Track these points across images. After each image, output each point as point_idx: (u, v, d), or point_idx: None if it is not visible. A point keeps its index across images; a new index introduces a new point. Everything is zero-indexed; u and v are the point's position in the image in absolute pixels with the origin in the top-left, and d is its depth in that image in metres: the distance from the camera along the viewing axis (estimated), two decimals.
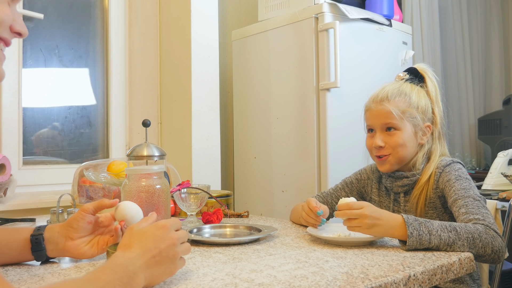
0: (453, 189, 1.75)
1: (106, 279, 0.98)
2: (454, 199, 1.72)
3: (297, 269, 1.26)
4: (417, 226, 1.49)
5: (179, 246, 1.16)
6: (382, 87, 1.98)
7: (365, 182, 2.15)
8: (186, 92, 2.93)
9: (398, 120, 1.89)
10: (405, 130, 1.90)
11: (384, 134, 1.93)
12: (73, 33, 3.10)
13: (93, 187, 2.28)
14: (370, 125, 1.99)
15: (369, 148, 2.00)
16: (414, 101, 1.92)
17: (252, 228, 1.80)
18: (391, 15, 3.17)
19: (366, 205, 1.57)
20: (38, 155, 2.92)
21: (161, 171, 1.65)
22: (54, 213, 1.93)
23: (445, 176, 1.82)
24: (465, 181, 1.77)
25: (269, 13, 3.25)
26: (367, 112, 2.00)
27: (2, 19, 1.04)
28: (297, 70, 2.97)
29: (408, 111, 1.90)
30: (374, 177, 2.11)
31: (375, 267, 1.27)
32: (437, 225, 1.50)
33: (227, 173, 3.63)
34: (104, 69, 3.22)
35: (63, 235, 1.36)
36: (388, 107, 1.90)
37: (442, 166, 1.86)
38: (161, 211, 1.60)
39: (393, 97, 1.91)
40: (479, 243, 1.49)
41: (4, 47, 1.09)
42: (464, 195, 1.70)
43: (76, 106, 3.09)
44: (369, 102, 2.00)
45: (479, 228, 1.51)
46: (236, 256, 1.42)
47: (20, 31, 1.09)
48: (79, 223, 1.37)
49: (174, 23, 3.08)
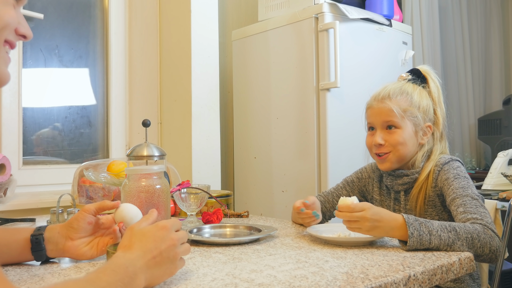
0: (451, 187, 1.76)
1: (107, 280, 0.98)
2: (452, 198, 1.72)
3: (297, 269, 1.25)
4: (417, 227, 1.49)
5: (179, 246, 1.16)
6: (384, 86, 1.99)
7: (366, 180, 2.15)
8: (186, 92, 2.94)
9: (399, 118, 1.89)
10: (406, 129, 1.90)
11: (384, 132, 1.93)
12: (73, 33, 3.10)
13: (93, 187, 2.28)
14: (370, 122, 1.99)
15: (369, 146, 2.00)
16: (415, 100, 1.92)
17: (252, 228, 1.80)
18: (391, 15, 3.17)
19: (367, 207, 1.56)
20: (38, 155, 2.92)
21: (161, 171, 1.65)
22: (54, 213, 1.93)
23: (444, 174, 1.82)
24: (463, 180, 1.77)
25: (269, 13, 3.25)
26: (368, 110, 2.00)
27: (8, 22, 1.04)
28: (297, 70, 2.97)
29: (409, 110, 1.90)
30: (375, 176, 2.11)
31: (375, 267, 1.27)
32: (437, 225, 1.50)
33: (227, 173, 3.63)
34: (104, 69, 3.22)
35: (63, 235, 1.36)
36: (389, 105, 1.90)
37: (441, 164, 1.86)
38: (161, 211, 1.60)
39: (394, 96, 1.92)
40: (478, 243, 1.49)
41: (9, 49, 1.09)
42: (462, 194, 1.70)
43: (76, 106, 3.09)
44: (371, 100, 2.00)
45: (477, 228, 1.52)
46: (236, 256, 1.42)
47: (25, 33, 1.10)
48: (79, 223, 1.37)
49: (174, 23, 3.08)
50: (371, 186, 2.12)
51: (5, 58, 1.07)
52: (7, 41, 1.07)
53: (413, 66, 2.99)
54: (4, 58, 1.07)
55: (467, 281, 1.85)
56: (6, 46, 1.07)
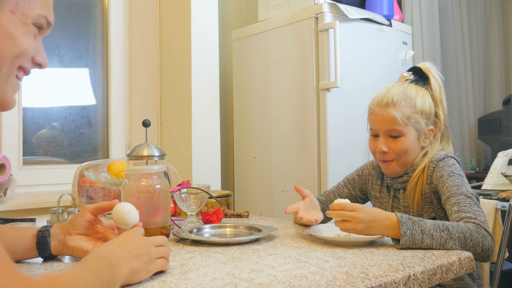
0: (445, 185, 1.76)
1: (94, 267, 1.03)
2: (447, 197, 1.73)
3: (297, 268, 1.26)
4: (410, 226, 1.50)
5: (154, 252, 1.22)
6: (387, 89, 1.97)
7: (366, 178, 2.15)
8: (186, 92, 2.94)
9: (402, 126, 1.89)
10: (409, 136, 1.90)
11: (388, 139, 1.92)
12: (73, 33, 3.11)
13: (93, 187, 2.29)
14: (373, 129, 1.98)
15: (373, 150, 2.00)
16: (419, 105, 1.91)
17: (252, 228, 1.80)
18: (391, 15, 3.17)
19: (359, 208, 1.58)
20: (38, 155, 2.93)
21: (161, 171, 1.65)
22: (54, 213, 1.93)
23: (438, 171, 1.82)
24: (458, 178, 1.77)
25: (269, 13, 3.25)
26: (371, 116, 1.99)
27: (26, 50, 1.09)
28: (297, 70, 2.97)
29: (413, 116, 1.89)
30: (376, 173, 2.11)
31: (375, 267, 1.27)
32: (430, 225, 1.51)
33: (227, 173, 3.63)
34: (104, 69, 3.22)
35: (64, 232, 1.42)
36: (393, 113, 1.88)
37: (436, 160, 1.86)
38: (161, 211, 1.60)
39: (398, 102, 1.90)
40: (470, 243, 1.51)
41: (22, 75, 1.14)
42: (457, 192, 1.71)
43: (76, 106, 3.10)
44: (374, 105, 1.97)
45: (470, 227, 1.53)
46: (236, 256, 1.42)
47: (41, 62, 1.16)
48: (77, 220, 1.42)
49: (174, 23, 3.08)
50: (371, 183, 2.12)
51: (14, 85, 1.12)
52: (22, 67, 1.12)
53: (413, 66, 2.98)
54: (13, 85, 1.12)
55: (467, 281, 1.85)
56: (21, 72, 1.13)
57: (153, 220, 1.58)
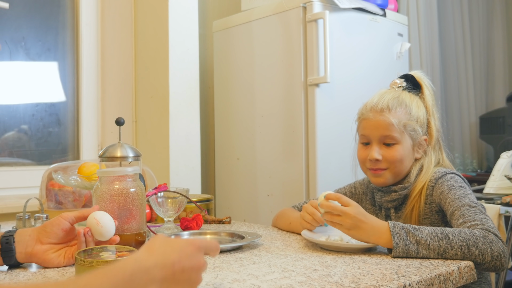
0: (447, 201, 1.76)
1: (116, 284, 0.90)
2: (451, 212, 1.72)
3: (283, 278, 1.26)
4: (403, 236, 1.50)
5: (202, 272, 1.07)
6: (380, 95, 1.97)
7: (360, 196, 2.15)
8: (163, 88, 2.93)
9: (398, 133, 1.88)
10: (404, 144, 1.90)
11: (381, 147, 1.92)
12: (41, 24, 3.09)
13: (63, 191, 2.28)
14: (366, 135, 1.96)
15: (362, 159, 1.99)
16: (414, 113, 1.92)
17: (234, 235, 1.80)
18: (385, 4, 3.18)
19: (354, 204, 1.59)
20: (2, 157, 2.91)
21: (136, 173, 1.65)
22: (20, 218, 1.93)
23: (438, 188, 1.83)
24: (459, 190, 1.77)
25: (253, 2, 3.25)
26: (363, 121, 1.98)
27: None
28: (283, 64, 2.98)
29: (409, 124, 1.89)
30: (368, 191, 2.11)
31: (367, 276, 1.28)
32: (426, 233, 1.51)
33: (208, 176, 3.63)
34: (75, 62, 3.20)
35: (33, 238, 1.40)
36: (390, 119, 1.88)
37: (434, 179, 1.86)
38: (136, 216, 1.60)
39: (394, 108, 1.90)
40: (476, 251, 1.48)
41: None
42: (459, 204, 1.70)
43: (44, 103, 3.08)
44: (366, 111, 1.97)
45: (475, 233, 1.51)
46: (217, 265, 1.43)
47: None
48: (53, 228, 1.40)
49: (150, 13, 3.08)
50: (364, 203, 2.12)
51: None
52: None
53: (409, 59, 3.01)
54: None
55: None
56: None
57: (127, 226, 1.58)
